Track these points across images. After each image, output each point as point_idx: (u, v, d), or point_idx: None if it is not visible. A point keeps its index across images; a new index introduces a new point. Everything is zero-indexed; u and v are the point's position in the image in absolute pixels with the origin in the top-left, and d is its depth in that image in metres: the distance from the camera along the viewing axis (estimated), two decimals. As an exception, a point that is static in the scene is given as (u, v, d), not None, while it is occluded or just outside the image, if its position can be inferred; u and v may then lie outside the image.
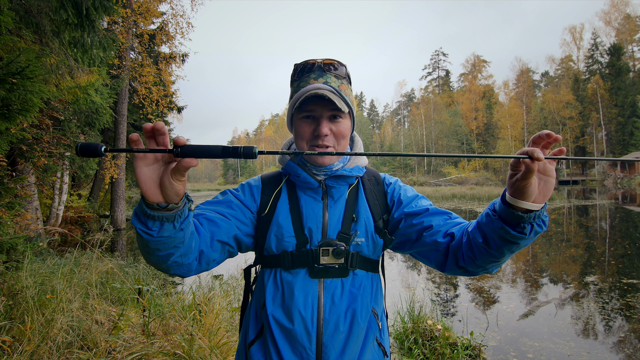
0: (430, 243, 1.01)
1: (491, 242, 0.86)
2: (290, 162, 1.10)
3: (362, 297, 1.03)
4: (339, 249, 1.00)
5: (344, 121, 1.05)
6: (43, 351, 2.59)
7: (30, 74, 2.71)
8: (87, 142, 0.67)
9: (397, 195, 1.12)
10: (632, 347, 3.91)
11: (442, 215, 1.05)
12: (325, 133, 1.01)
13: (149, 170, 0.73)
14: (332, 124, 1.03)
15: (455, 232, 0.98)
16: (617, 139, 43.46)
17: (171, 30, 14.85)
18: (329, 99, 0.98)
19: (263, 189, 1.12)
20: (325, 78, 1.04)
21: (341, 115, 1.04)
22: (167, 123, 17.17)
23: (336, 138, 1.04)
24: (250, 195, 1.10)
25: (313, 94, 0.97)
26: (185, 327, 3.04)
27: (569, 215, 15.65)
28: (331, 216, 1.06)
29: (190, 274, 0.95)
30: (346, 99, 1.04)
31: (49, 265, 4.45)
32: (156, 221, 0.77)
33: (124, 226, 13.94)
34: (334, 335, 0.98)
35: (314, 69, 1.05)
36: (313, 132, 1.03)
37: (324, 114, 1.02)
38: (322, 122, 1.02)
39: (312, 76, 1.04)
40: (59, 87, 4.92)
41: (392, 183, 1.17)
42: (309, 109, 1.02)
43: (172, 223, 0.78)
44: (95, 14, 4.29)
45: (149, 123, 0.71)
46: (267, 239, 1.06)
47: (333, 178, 1.07)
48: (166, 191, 0.75)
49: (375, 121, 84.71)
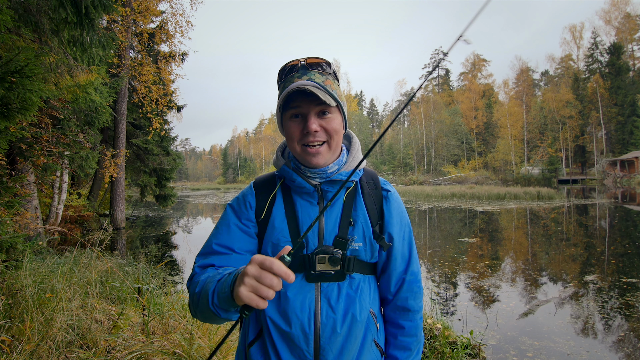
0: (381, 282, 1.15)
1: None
2: (285, 167, 1.08)
3: (359, 300, 1.03)
4: (335, 257, 0.99)
5: (334, 116, 1.03)
6: (42, 350, 2.58)
7: (30, 72, 2.70)
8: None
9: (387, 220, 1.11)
10: (631, 345, 3.92)
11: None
12: (314, 129, 0.99)
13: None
14: (321, 120, 1.01)
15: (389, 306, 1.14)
16: (617, 138, 43.44)
17: (171, 29, 14.81)
18: (311, 93, 0.96)
19: (257, 195, 1.10)
20: (309, 75, 1.01)
21: (329, 110, 1.02)
22: (167, 122, 17.12)
23: (328, 133, 1.02)
24: (246, 207, 1.09)
25: (295, 89, 0.96)
26: (185, 326, 3.04)
27: (569, 215, 15.65)
28: (327, 220, 1.04)
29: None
30: (332, 93, 1.01)
31: (49, 264, 4.44)
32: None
33: (123, 225, 13.94)
34: (331, 337, 0.98)
35: (297, 69, 1.03)
36: (302, 130, 1.01)
37: (311, 110, 1.00)
38: (309, 118, 1.00)
39: (296, 75, 1.02)
40: (58, 85, 4.92)
41: (388, 193, 1.14)
42: (294, 105, 1.00)
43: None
44: (95, 13, 4.27)
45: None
46: (264, 244, 1.06)
47: (329, 183, 1.05)
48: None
49: (375, 120, 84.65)
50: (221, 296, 0.84)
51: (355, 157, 1.12)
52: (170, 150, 17.48)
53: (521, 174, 45.66)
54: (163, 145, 16.77)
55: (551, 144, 47.27)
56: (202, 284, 0.94)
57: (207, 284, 0.91)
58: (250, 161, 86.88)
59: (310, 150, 1.01)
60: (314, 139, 1.00)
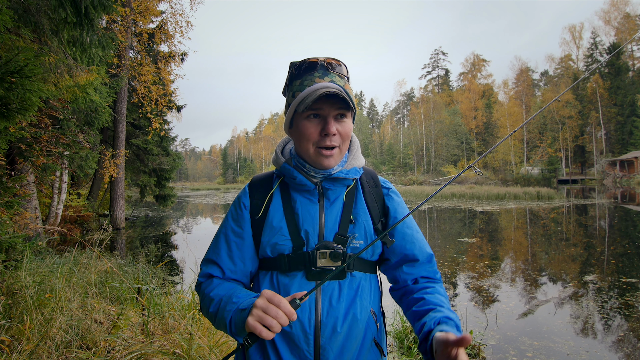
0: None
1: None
2: (286, 164, 1.08)
3: (360, 299, 1.03)
4: (337, 252, 0.99)
5: (348, 121, 1.04)
6: (42, 350, 2.58)
7: (29, 72, 2.70)
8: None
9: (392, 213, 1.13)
10: (631, 345, 3.92)
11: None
12: (333, 132, 0.99)
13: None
14: (338, 124, 1.01)
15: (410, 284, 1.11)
16: (617, 138, 43.47)
17: (170, 29, 14.82)
18: (342, 98, 0.96)
19: (251, 194, 1.11)
20: (331, 77, 1.01)
21: (347, 115, 1.02)
22: (166, 122, 17.12)
23: (342, 138, 1.02)
24: (241, 208, 1.11)
25: (328, 92, 0.94)
26: (184, 326, 3.04)
27: (568, 215, 15.66)
28: (328, 218, 1.04)
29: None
30: (352, 98, 1.02)
31: (48, 265, 4.44)
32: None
33: (123, 225, 13.93)
34: (332, 337, 0.98)
35: (317, 68, 1.02)
36: (321, 131, 1.00)
37: (331, 113, 1.00)
38: (329, 120, 1.00)
39: (317, 74, 1.01)
40: (58, 86, 4.91)
41: (389, 190, 1.17)
42: (316, 107, 0.99)
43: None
44: (94, 13, 4.27)
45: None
46: (262, 243, 1.06)
47: (329, 180, 1.05)
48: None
49: (375, 120, 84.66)
50: (238, 326, 0.92)
51: (355, 157, 1.12)
52: (170, 150, 17.48)
53: (521, 174, 45.70)
54: (163, 145, 16.77)
55: (551, 144, 47.30)
56: (215, 306, 0.99)
57: (221, 311, 0.97)
58: (250, 161, 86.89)
59: (326, 152, 1.01)
60: (330, 143, 1.00)
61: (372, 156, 66.40)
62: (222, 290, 1.02)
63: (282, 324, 0.84)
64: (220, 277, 1.08)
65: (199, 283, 1.11)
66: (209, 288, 1.05)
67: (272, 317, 0.83)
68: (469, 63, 66.57)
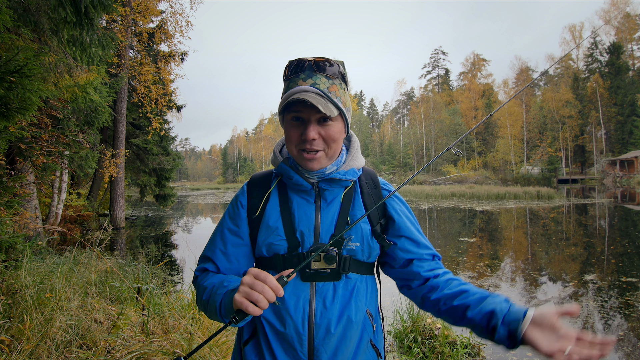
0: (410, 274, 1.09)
1: (464, 326, 0.96)
2: (282, 164, 1.07)
3: (355, 300, 1.02)
4: (331, 255, 0.98)
5: (335, 124, 1.00)
6: (42, 350, 2.58)
7: (29, 72, 2.70)
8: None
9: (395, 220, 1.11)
10: (631, 345, 3.92)
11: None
12: (312, 137, 0.97)
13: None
14: (321, 128, 0.99)
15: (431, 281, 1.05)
16: (617, 137, 43.46)
17: (170, 29, 14.81)
18: (311, 105, 0.93)
19: (249, 193, 1.11)
20: (315, 79, 0.98)
21: (331, 119, 0.99)
22: (166, 122, 17.12)
23: (326, 142, 1.00)
24: (239, 207, 1.11)
25: (295, 99, 0.93)
26: (184, 326, 3.04)
27: (568, 214, 15.67)
28: (324, 219, 1.03)
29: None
30: (335, 101, 0.98)
31: (48, 264, 4.44)
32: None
33: (123, 225, 13.94)
34: (326, 338, 0.97)
35: (304, 68, 1.00)
36: (300, 135, 0.99)
37: (311, 117, 0.98)
38: (309, 126, 0.98)
39: (302, 76, 0.99)
40: (58, 85, 4.91)
41: (389, 191, 1.14)
42: (296, 109, 0.98)
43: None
44: (94, 12, 4.26)
45: None
46: (258, 242, 1.06)
47: (326, 181, 1.04)
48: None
49: (375, 120, 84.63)
50: (227, 307, 0.92)
51: (355, 157, 1.11)
52: (170, 150, 17.49)
53: (521, 173, 45.70)
54: (163, 145, 16.77)
55: (551, 143, 47.28)
56: (207, 293, 1.00)
57: (212, 295, 0.98)
58: (250, 161, 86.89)
59: (307, 156, 1.01)
60: (311, 147, 0.99)
61: (372, 156, 66.37)
62: (216, 278, 1.03)
63: (268, 299, 0.84)
64: (215, 273, 1.10)
65: (195, 277, 1.13)
66: (204, 279, 1.07)
67: (258, 292, 0.83)
68: (469, 63, 66.57)
